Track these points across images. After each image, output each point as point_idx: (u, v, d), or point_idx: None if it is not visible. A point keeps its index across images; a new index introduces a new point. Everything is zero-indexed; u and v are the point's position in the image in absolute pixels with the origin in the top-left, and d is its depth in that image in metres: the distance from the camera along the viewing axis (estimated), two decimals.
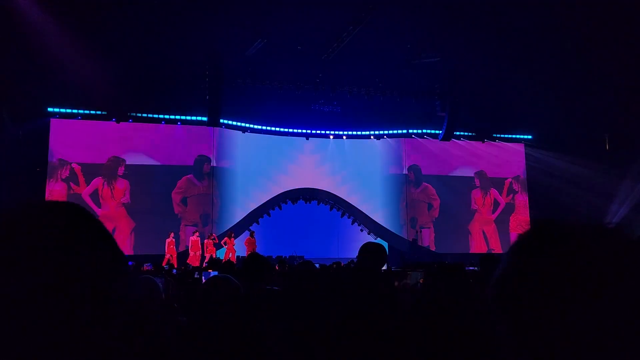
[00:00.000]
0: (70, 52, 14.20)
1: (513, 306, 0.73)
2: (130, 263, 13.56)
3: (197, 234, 16.12)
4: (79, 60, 14.40)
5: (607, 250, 0.71)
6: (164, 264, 14.01)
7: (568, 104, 17.93)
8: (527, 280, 0.72)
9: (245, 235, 16.71)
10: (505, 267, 0.77)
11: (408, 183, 19.98)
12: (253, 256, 4.17)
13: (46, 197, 15.68)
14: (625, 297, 0.68)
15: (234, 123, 18.41)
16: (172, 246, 15.56)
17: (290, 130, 19.17)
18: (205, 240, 15.99)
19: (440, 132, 19.64)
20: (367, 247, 3.41)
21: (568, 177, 18.90)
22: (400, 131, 20.18)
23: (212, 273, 9.93)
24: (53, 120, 16.43)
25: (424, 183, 20.03)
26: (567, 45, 15.55)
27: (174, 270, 11.45)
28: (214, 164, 18.02)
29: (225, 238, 16.06)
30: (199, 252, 15.67)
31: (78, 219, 0.76)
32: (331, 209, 19.68)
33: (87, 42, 14.15)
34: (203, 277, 8.91)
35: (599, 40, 14.74)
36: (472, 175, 20.46)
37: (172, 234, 15.76)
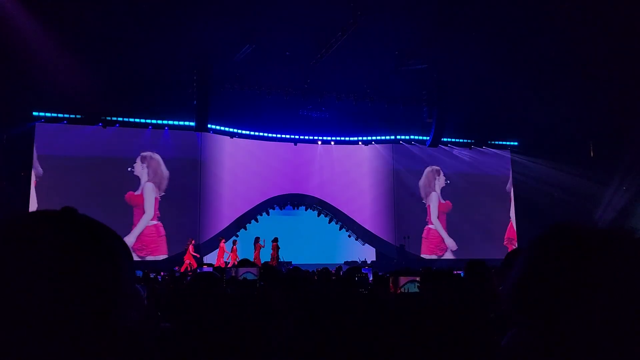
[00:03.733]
0: (56, 56, 14.07)
1: (536, 309, 0.73)
2: None
3: (193, 241, 16.06)
4: (65, 64, 14.28)
5: (626, 252, 0.72)
6: (182, 270, 13.81)
7: (554, 111, 18.15)
8: (551, 283, 0.73)
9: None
10: (524, 270, 0.77)
11: (396, 189, 20.03)
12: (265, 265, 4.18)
13: (30, 202, 15.49)
14: None
15: (222, 128, 18.35)
16: (192, 253, 15.46)
17: (279, 135, 19.15)
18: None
19: (428, 138, 19.75)
20: None
21: (553, 183, 19.11)
22: (388, 137, 20.26)
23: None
24: (38, 125, 16.24)
25: (411, 189, 20.09)
26: (553, 53, 15.75)
27: (159, 277, 11.31)
28: (202, 170, 17.92)
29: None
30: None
31: (74, 229, 0.70)
32: (319, 214, 19.67)
33: (74, 46, 14.03)
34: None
35: (585, 48, 14.95)
36: (460, 181, 20.57)
37: (193, 241, 15.76)
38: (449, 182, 20.39)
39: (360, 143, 20.13)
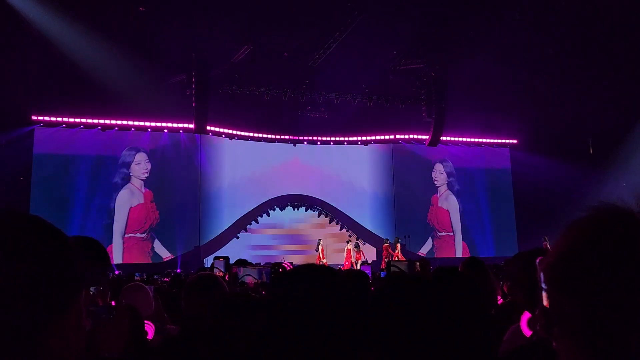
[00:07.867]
0: (54, 59, 14.06)
1: (584, 291, 0.73)
2: (117, 272, 13.39)
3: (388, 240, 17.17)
4: (63, 67, 14.26)
5: None
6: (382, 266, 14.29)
7: (553, 108, 18.17)
8: (599, 263, 0.73)
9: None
10: (569, 250, 0.77)
11: (395, 188, 20.02)
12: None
13: (30, 206, 15.47)
14: None
15: (221, 130, 18.35)
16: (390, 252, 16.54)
17: (278, 136, 19.15)
18: None
19: (427, 137, 19.74)
20: None
21: (552, 180, 19.08)
22: (387, 137, 20.26)
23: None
24: (37, 129, 16.23)
25: (411, 188, 20.08)
26: (551, 51, 15.77)
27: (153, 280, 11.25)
28: (201, 171, 17.91)
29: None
30: None
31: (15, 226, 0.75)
32: (319, 215, 19.67)
33: (73, 50, 14.02)
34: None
35: (583, 46, 14.98)
36: (458, 181, 20.57)
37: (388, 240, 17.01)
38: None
39: (359, 143, 20.13)
